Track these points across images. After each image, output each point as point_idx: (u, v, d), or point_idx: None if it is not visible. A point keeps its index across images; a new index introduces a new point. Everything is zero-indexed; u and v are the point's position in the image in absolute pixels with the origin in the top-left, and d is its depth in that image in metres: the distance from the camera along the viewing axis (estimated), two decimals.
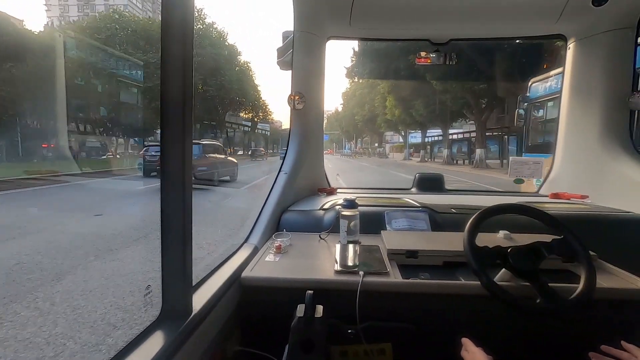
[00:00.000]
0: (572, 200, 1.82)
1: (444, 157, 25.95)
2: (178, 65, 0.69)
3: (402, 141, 40.05)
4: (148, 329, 0.71)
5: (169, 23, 0.68)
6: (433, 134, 32.51)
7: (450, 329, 1.00)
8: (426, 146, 32.44)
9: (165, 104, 0.69)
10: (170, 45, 0.69)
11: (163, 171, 0.71)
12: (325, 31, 1.87)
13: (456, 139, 28.51)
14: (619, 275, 1.05)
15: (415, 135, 35.60)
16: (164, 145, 0.70)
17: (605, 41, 1.77)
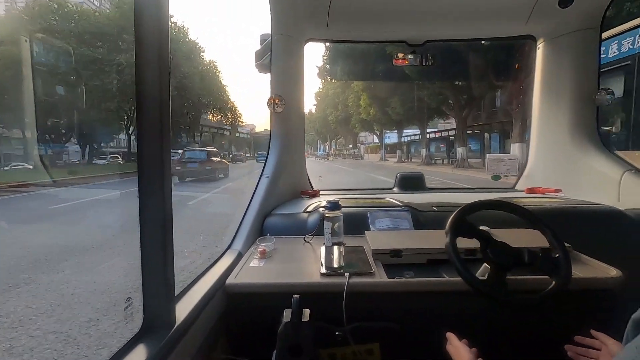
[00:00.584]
0: (546, 195, 1.89)
1: (423, 157, 24.93)
2: (153, 67, 0.67)
3: (377, 142, 38.66)
4: (129, 343, 0.69)
5: (141, 22, 0.66)
6: (409, 134, 31.62)
7: (435, 325, 1.01)
8: (403, 146, 31.41)
9: (141, 109, 0.67)
10: (145, 47, 0.67)
11: (141, 176, 0.69)
12: (303, 33, 1.87)
13: (434, 138, 27.72)
14: (592, 265, 1.10)
15: (389, 136, 34.45)
16: (141, 150, 0.68)
17: (572, 41, 1.85)
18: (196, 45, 25.26)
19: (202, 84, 24.14)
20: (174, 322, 0.76)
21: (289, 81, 1.82)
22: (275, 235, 1.37)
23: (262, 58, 1.90)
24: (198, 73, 23.97)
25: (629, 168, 1.65)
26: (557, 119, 1.93)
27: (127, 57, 15.21)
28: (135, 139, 0.69)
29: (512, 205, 1.08)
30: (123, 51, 15.81)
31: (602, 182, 1.72)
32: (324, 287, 1.02)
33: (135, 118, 0.68)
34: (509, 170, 2.00)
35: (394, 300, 1.02)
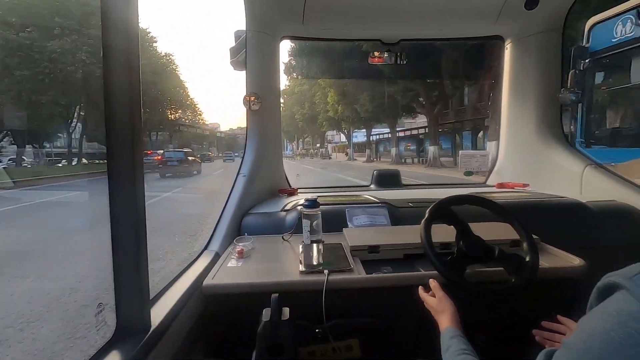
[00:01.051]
0: (515, 189, 1.98)
1: (392, 157, 23.89)
2: (122, 62, 0.65)
3: (345, 140, 37.44)
4: (101, 350, 0.66)
5: (109, 17, 0.64)
6: (378, 132, 30.60)
7: (414, 318, 1.03)
8: (371, 145, 30.23)
9: (111, 108, 0.65)
10: (113, 42, 0.64)
11: (111, 174, 0.66)
12: (278, 31, 1.86)
13: (404, 137, 26.74)
14: (558, 255, 1.16)
15: (357, 135, 33.38)
16: (112, 149, 0.65)
17: (537, 42, 1.93)
18: (147, 34, 22.43)
19: (154, 79, 21.33)
20: (150, 326, 0.74)
21: (264, 79, 1.80)
22: (253, 235, 1.35)
23: (237, 55, 1.87)
24: (149, 65, 21.18)
25: (590, 163, 1.75)
26: (524, 117, 2.02)
27: (61, 43, 13.39)
28: (105, 138, 0.66)
29: (484, 200, 1.11)
30: (57, 37, 13.61)
31: (566, 176, 1.82)
32: (303, 286, 1.02)
33: (105, 117, 0.65)
34: (481, 166, 2.07)
35: (373, 295, 1.04)
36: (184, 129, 34.93)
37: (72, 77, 13.93)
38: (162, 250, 4.21)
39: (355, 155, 32.93)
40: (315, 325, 0.99)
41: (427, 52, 9.85)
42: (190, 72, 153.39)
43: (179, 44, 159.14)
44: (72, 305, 2.88)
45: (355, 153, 33.69)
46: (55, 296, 3.05)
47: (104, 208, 0.68)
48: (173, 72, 27.74)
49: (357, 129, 31.31)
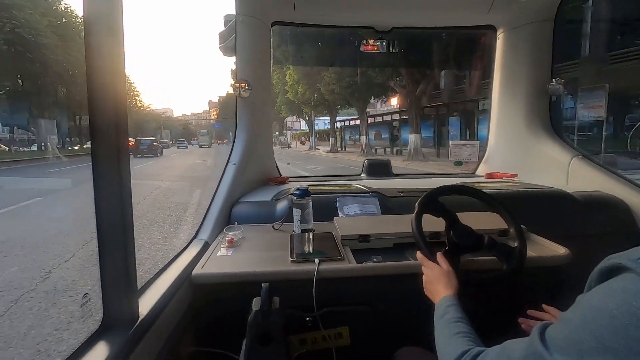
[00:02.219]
0: (503, 179, 2.00)
1: (362, 146, 20.60)
2: (105, 42, 0.63)
3: (306, 128, 33.45)
4: (87, 341, 0.65)
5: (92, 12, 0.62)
6: (344, 119, 27.75)
7: (403, 306, 1.05)
8: (335, 133, 26.85)
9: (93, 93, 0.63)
10: (94, 18, 0.62)
11: (96, 159, 0.64)
12: (269, 16, 1.81)
13: (374, 123, 23.90)
14: (544, 245, 1.18)
15: (318, 123, 30.36)
16: (95, 134, 0.63)
17: (529, 32, 1.93)
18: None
19: (54, 40, 15.47)
20: (138, 317, 0.73)
21: (255, 65, 1.76)
22: (243, 224, 1.34)
23: (226, 40, 1.83)
24: (51, 26, 15.95)
25: (577, 154, 1.78)
26: (514, 107, 2.03)
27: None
28: (89, 122, 0.64)
29: (473, 189, 1.12)
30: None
31: (553, 167, 1.85)
32: (293, 275, 1.02)
33: (87, 100, 0.63)
34: (470, 156, 2.09)
35: (363, 284, 1.04)
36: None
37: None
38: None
39: (318, 144, 30.17)
40: (305, 314, 1.00)
41: (420, 40, 9.43)
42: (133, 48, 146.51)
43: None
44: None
45: (318, 142, 30.84)
46: None
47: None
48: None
49: (321, 115, 28.13)
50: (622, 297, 0.40)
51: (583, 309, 0.44)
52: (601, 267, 0.47)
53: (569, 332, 0.44)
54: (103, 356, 0.61)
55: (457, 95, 16.66)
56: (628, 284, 0.41)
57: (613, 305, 0.40)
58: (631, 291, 0.39)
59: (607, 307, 0.40)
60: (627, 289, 0.40)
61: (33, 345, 2.18)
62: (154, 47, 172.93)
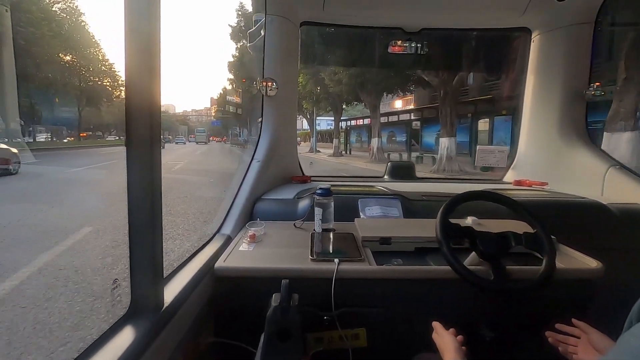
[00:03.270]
0: (533, 187, 1.93)
1: (373, 150, 16.95)
2: (143, 39, 0.66)
3: (308, 128, 28.94)
4: (116, 324, 0.68)
5: (132, 28, 0.65)
6: (352, 118, 25.24)
7: (422, 312, 1.03)
8: (340, 133, 23.08)
9: (130, 82, 0.66)
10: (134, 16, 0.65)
11: (129, 153, 0.67)
12: (298, 16, 1.83)
13: (388, 123, 20.43)
14: (574, 257, 1.13)
15: (319, 123, 27.56)
16: (130, 128, 0.66)
17: (566, 35, 1.85)
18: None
19: (57, 30, 15.56)
20: (162, 305, 0.76)
21: (282, 65, 1.79)
22: (265, 220, 1.36)
23: (255, 39, 1.86)
24: (45, 12, 15.40)
25: (614, 164, 1.69)
26: (547, 113, 1.96)
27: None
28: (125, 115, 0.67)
29: (499, 196, 1.09)
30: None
31: (588, 176, 1.76)
32: (313, 273, 1.02)
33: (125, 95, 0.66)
34: (499, 162, 2.03)
35: (382, 286, 1.04)
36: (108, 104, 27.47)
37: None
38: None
39: (320, 146, 26.79)
40: (323, 313, 1.00)
41: (449, 42, 8.91)
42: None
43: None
44: None
45: (319, 144, 27.45)
46: None
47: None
48: (81, 27, 20.73)
49: (324, 113, 24.67)
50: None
51: (625, 352, 0.42)
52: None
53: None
54: (129, 340, 0.64)
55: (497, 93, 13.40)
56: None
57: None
58: None
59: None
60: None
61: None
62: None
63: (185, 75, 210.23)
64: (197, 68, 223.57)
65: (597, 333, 0.78)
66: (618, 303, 0.49)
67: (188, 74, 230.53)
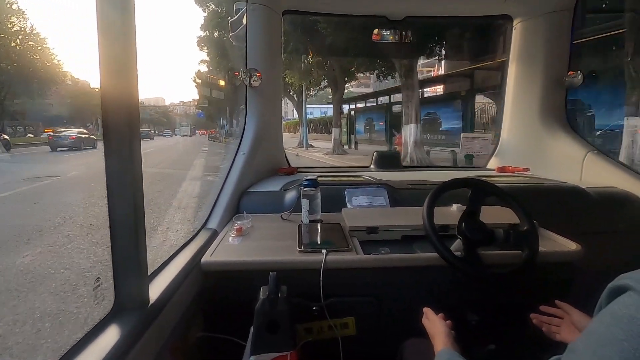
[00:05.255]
0: (515, 173, 1.97)
1: (408, 144, 10.06)
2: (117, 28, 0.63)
3: (295, 116, 23.48)
4: (100, 324, 0.66)
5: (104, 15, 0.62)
6: (359, 96, 18.77)
7: (410, 299, 1.05)
8: (340, 120, 16.05)
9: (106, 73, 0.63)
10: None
11: (107, 146, 0.65)
12: (280, 4, 1.79)
13: (432, 99, 13.90)
14: (556, 240, 1.16)
15: (311, 111, 21.15)
16: (107, 120, 0.64)
17: (547, 22, 1.87)
18: None
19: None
20: (148, 302, 0.75)
21: (265, 54, 1.75)
22: (251, 213, 1.35)
23: (237, 29, 1.82)
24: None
25: (592, 149, 1.74)
26: (529, 100, 1.99)
27: None
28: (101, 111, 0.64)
29: (485, 183, 1.11)
30: None
31: (567, 161, 1.81)
32: (301, 264, 1.02)
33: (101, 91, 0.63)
34: (482, 149, 2.06)
35: (370, 275, 1.04)
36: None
37: None
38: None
39: (313, 138, 20.64)
40: (312, 303, 1.01)
41: (433, 29, 8.34)
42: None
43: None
44: None
45: (313, 135, 21.26)
46: None
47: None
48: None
49: (317, 90, 17.68)
50: (630, 327, 0.38)
51: (591, 338, 0.43)
52: (611, 286, 0.45)
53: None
54: (114, 339, 0.63)
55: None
56: (633, 310, 0.39)
57: (622, 335, 0.38)
58: (636, 319, 0.38)
59: (616, 337, 0.39)
60: (633, 318, 0.38)
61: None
62: (145, 34, 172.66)
63: (174, 68, 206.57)
64: (185, 60, 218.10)
65: (578, 313, 0.81)
66: (597, 283, 0.51)
67: (176, 66, 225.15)
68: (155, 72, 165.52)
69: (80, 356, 0.58)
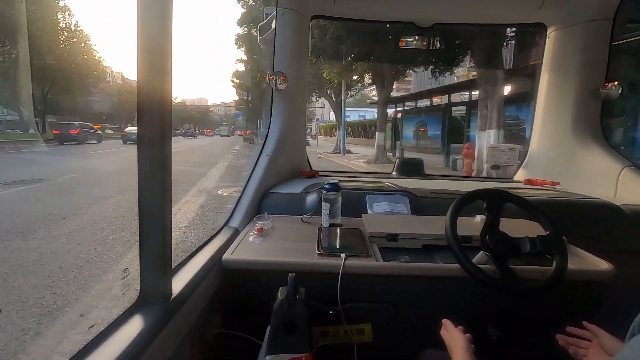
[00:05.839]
0: (544, 187, 1.90)
1: (485, 155, 7.41)
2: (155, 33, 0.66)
3: (333, 119, 21.83)
4: (126, 313, 0.69)
5: (145, 24, 0.65)
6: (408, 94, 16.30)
7: (428, 309, 1.03)
8: (385, 122, 13.48)
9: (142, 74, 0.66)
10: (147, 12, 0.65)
11: (140, 146, 0.67)
12: (309, 9, 1.82)
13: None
14: (585, 258, 1.11)
15: (349, 114, 18.87)
16: (141, 119, 0.67)
17: (584, 32, 1.80)
18: None
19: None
20: (170, 295, 0.77)
21: (292, 58, 1.78)
22: (272, 214, 1.37)
23: (265, 33, 1.85)
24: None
25: (628, 164, 1.65)
26: (561, 111, 1.92)
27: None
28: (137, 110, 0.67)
29: (510, 195, 1.08)
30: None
31: (601, 177, 1.72)
32: (319, 267, 1.03)
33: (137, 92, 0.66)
34: (509, 160, 2.00)
35: (389, 283, 1.03)
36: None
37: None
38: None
39: (350, 143, 18.62)
40: (329, 307, 1.01)
41: (461, 36, 8.02)
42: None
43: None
44: None
45: (350, 140, 19.14)
46: None
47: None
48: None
49: (360, 88, 16.12)
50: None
51: (636, 354, 0.41)
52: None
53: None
54: (138, 329, 0.65)
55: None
56: None
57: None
58: None
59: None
60: None
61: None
62: (190, 34, 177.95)
63: (218, 69, 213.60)
64: (228, 61, 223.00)
65: (608, 336, 0.77)
66: (629, 306, 0.48)
67: (220, 66, 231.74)
68: (199, 74, 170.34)
69: (106, 342, 0.61)
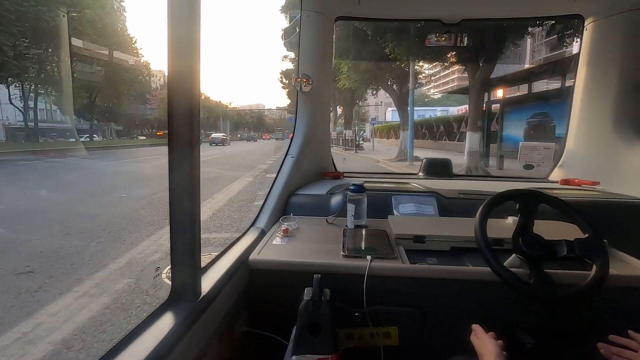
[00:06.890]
0: (582, 187, 1.79)
1: None
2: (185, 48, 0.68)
3: (389, 120, 17.89)
4: (158, 309, 0.72)
5: (174, 35, 0.68)
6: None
7: (457, 313, 1.00)
8: (478, 119, 9.23)
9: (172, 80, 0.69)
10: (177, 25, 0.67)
11: (171, 149, 0.70)
12: (333, 11, 1.82)
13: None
14: (629, 263, 1.04)
15: (421, 113, 16.51)
16: (171, 123, 0.69)
17: (624, 22, 1.69)
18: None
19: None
20: (200, 293, 0.79)
21: (317, 60, 1.78)
22: (298, 215, 1.38)
23: (290, 36, 1.88)
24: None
25: None
26: (601, 107, 1.81)
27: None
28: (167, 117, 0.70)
29: (546, 195, 1.03)
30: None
31: None
32: (345, 269, 1.02)
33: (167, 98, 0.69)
34: (543, 160, 1.91)
35: (415, 285, 1.01)
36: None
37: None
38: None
39: (419, 147, 15.38)
40: (354, 309, 1.00)
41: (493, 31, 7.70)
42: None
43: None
44: None
45: (419, 142, 16.16)
46: None
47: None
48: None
49: (422, 83, 12.83)
50: None
51: None
52: None
53: None
54: (169, 325, 0.68)
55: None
56: None
57: None
58: None
59: None
60: None
61: None
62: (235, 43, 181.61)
63: (272, 74, 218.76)
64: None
65: None
66: None
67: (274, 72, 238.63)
68: (256, 80, 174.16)
69: (140, 338, 0.64)
